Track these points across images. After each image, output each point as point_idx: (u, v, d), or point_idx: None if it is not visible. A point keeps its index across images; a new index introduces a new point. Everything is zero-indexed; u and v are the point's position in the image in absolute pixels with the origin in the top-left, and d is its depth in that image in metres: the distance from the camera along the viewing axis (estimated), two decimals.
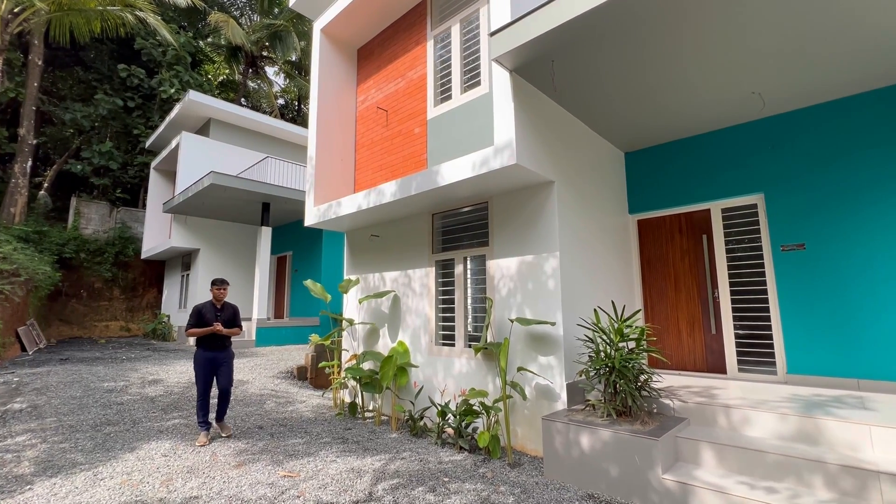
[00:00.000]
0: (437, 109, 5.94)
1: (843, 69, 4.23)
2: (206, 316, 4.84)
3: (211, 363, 4.86)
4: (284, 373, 8.25)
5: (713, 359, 5.45)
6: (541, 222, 4.78)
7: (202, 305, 4.90)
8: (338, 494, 3.58)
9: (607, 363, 3.95)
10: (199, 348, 4.88)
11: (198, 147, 13.98)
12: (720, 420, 3.80)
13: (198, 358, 4.86)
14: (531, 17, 3.76)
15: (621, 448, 3.50)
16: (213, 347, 4.89)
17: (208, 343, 4.88)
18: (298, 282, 14.03)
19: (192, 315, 4.84)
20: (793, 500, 2.84)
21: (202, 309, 4.88)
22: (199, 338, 4.86)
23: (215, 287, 5.00)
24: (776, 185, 5.09)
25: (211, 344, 4.88)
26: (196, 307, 4.90)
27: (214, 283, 5.02)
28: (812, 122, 4.90)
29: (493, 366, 4.96)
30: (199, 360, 4.84)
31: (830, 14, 3.44)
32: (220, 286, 4.97)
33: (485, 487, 3.70)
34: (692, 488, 3.14)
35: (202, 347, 4.88)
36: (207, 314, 4.85)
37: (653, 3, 3.31)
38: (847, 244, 4.58)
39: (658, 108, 5.09)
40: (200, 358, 4.85)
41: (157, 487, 3.68)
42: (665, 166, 6.01)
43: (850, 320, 4.51)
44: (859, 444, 3.17)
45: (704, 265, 5.63)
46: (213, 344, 4.90)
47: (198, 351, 4.88)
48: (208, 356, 4.85)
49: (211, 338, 4.88)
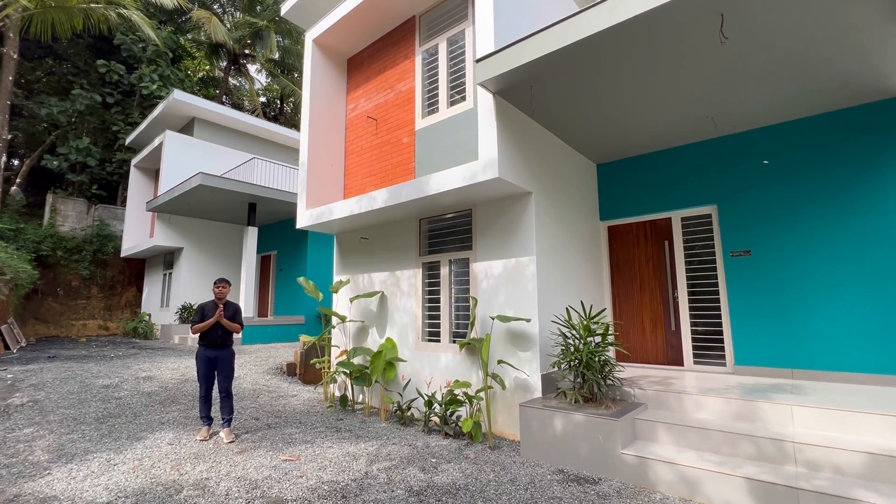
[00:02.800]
0: (424, 121, 6.36)
1: (781, 99, 4.86)
2: (208, 313, 5.05)
3: (211, 361, 5.03)
4: (274, 369, 8.54)
5: (672, 353, 6.05)
6: (520, 229, 5.27)
7: (205, 304, 5.14)
8: (337, 474, 3.98)
9: (577, 356, 4.47)
10: (201, 346, 5.07)
11: (182, 146, 14.01)
12: (674, 405, 4.36)
13: (199, 355, 5.04)
14: (513, 49, 4.23)
15: (587, 429, 4.01)
16: (214, 345, 5.05)
17: (210, 341, 5.05)
18: (283, 281, 14.23)
19: (196, 312, 5.08)
20: (728, 467, 3.40)
21: (205, 307, 5.10)
22: (201, 336, 5.06)
23: (217, 286, 5.22)
24: (727, 198, 5.72)
25: (212, 342, 5.04)
26: (200, 305, 5.14)
27: (217, 282, 5.24)
28: (757, 143, 5.54)
29: (476, 359, 5.43)
30: (201, 358, 5.02)
31: (768, 55, 4.03)
32: (221, 285, 5.21)
33: (469, 466, 4.17)
34: (647, 461, 3.68)
35: (203, 345, 5.06)
36: (210, 312, 5.06)
37: (615, 42, 3.82)
38: (785, 251, 5.24)
39: (625, 127, 5.65)
40: (201, 355, 5.03)
41: (168, 471, 4.00)
42: (633, 177, 6.60)
43: (787, 318, 5.16)
44: (784, 420, 3.76)
45: (666, 268, 6.24)
46: (215, 342, 5.05)
47: (199, 349, 5.07)
48: (209, 354, 5.03)
49: (212, 336, 5.04)
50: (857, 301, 4.77)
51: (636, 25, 3.56)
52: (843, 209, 4.93)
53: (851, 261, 4.83)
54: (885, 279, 4.63)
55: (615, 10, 3.56)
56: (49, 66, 18.40)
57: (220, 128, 15.46)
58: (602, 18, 3.62)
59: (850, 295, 4.81)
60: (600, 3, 3.64)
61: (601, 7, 3.64)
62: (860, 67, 4.23)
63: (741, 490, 3.23)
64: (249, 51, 22.20)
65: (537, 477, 3.91)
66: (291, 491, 3.63)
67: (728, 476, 3.30)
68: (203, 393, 5.05)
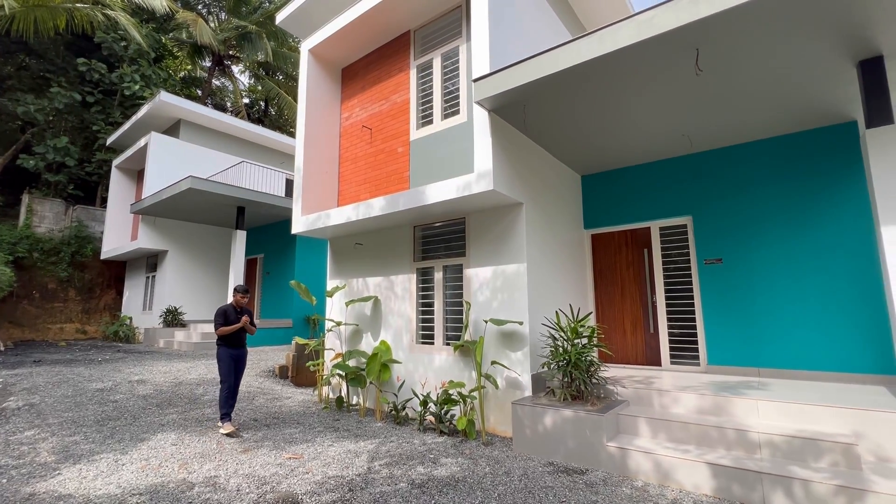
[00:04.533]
0: (419, 132, 6.64)
1: (749, 121, 5.34)
2: (231, 316, 5.44)
3: (234, 359, 5.46)
4: (266, 372, 8.65)
5: (651, 353, 6.48)
6: (512, 237, 5.60)
7: (226, 308, 5.49)
8: (341, 470, 4.21)
9: (565, 356, 4.81)
10: (223, 347, 5.45)
11: (167, 148, 13.90)
12: (653, 401, 4.74)
13: (222, 355, 5.42)
14: (509, 71, 4.57)
15: (575, 424, 4.35)
16: (235, 345, 5.51)
17: (232, 341, 5.48)
18: (269, 284, 14.25)
19: (219, 316, 5.41)
20: (700, 455, 3.77)
21: (227, 310, 5.47)
22: (223, 337, 5.43)
23: (239, 294, 5.63)
24: (701, 209, 6.19)
25: (234, 342, 5.49)
26: (221, 310, 5.47)
27: (238, 290, 5.66)
28: (728, 159, 6.02)
29: (470, 360, 5.72)
30: (224, 357, 5.41)
31: (737, 84, 4.47)
32: (243, 294, 5.65)
33: (465, 461, 4.45)
34: (629, 452, 4.03)
35: (226, 346, 5.46)
36: (231, 315, 5.45)
37: (601, 69, 4.19)
38: (753, 260, 5.71)
39: (608, 143, 6.06)
40: (225, 355, 5.42)
41: (176, 470, 4.15)
42: (615, 189, 7.02)
43: (754, 322, 5.63)
44: (750, 413, 4.17)
45: (645, 274, 6.67)
46: (236, 342, 5.51)
47: (222, 349, 5.45)
48: (232, 353, 5.46)
49: (235, 337, 5.49)
50: (815, 306, 5.26)
51: (622, 55, 3.94)
52: (803, 223, 5.43)
53: (810, 270, 5.33)
54: (838, 287, 5.13)
55: (603, 40, 3.92)
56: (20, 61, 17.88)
57: (206, 130, 15.38)
58: (591, 48, 3.98)
59: (809, 301, 5.30)
60: (590, 35, 4.01)
61: (590, 38, 4.00)
62: (815, 96, 4.72)
63: (709, 474, 3.60)
64: (234, 52, 22.06)
65: (530, 469, 4.22)
66: (300, 486, 3.84)
67: (699, 463, 3.67)
68: (227, 390, 5.34)
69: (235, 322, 5.46)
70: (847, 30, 3.64)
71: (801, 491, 3.24)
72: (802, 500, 3.23)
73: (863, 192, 5.04)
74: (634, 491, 3.69)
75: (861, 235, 5.03)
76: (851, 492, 3.10)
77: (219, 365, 5.43)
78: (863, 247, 5.01)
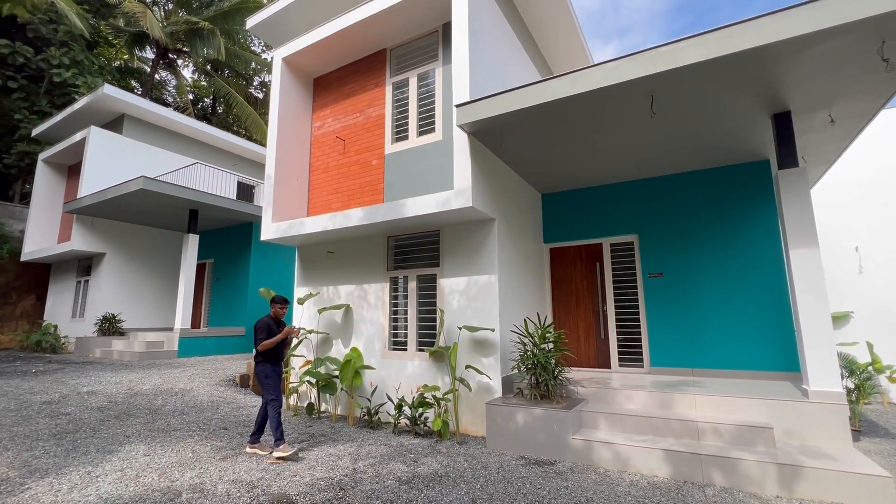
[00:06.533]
0: (394, 147, 6.95)
1: (687, 154, 6.22)
2: (273, 330, 5.06)
3: (280, 375, 5.10)
4: (225, 381, 8.41)
5: (602, 357, 7.18)
6: (484, 250, 6.05)
7: (267, 321, 5.09)
8: (328, 471, 4.37)
9: (533, 360, 5.30)
10: (268, 363, 5.01)
11: (109, 144, 13.01)
12: (609, 399, 5.35)
13: (269, 372, 4.99)
14: (489, 101, 5.04)
15: (544, 421, 4.83)
16: (279, 361, 5.13)
17: (276, 357, 5.10)
18: (220, 290, 13.70)
19: (262, 330, 5.00)
20: (651, 444, 4.38)
21: (269, 324, 5.08)
22: (266, 353, 5.01)
23: (279, 305, 5.24)
24: (647, 229, 7.01)
25: (278, 358, 5.13)
26: (263, 323, 5.06)
27: (278, 301, 5.26)
28: (671, 186, 6.91)
29: (443, 365, 6.06)
30: (272, 374, 5.00)
31: (679, 123, 5.25)
32: (283, 305, 5.26)
33: (444, 458, 4.77)
34: (591, 443, 4.56)
35: (271, 363, 5.03)
36: (274, 328, 5.08)
37: (570, 105, 4.78)
38: (689, 275, 6.58)
39: (569, 166, 6.74)
40: (273, 373, 5.01)
41: (157, 479, 4.10)
42: (572, 207, 7.73)
43: (689, 329, 6.47)
44: (689, 406, 4.88)
45: (597, 286, 7.39)
46: (280, 357, 5.15)
47: (267, 366, 5.01)
48: (278, 370, 5.08)
49: (278, 352, 5.12)
50: (738, 316, 6.18)
51: (590, 96, 4.54)
52: (730, 243, 6.37)
53: (735, 285, 6.26)
54: (756, 300, 6.09)
55: (576, 82, 4.50)
56: None
57: (153, 127, 14.55)
58: (566, 87, 4.55)
59: (734, 311, 6.22)
60: (564, 76, 4.58)
61: (564, 79, 4.57)
62: (741, 138, 5.65)
63: (660, 460, 4.21)
64: (181, 46, 21.00)
65: (505, 463, 4.63)
66: (291, 487, 3.97)
67: (651, 451, 4.28)
68: (279, 409, 4.93)
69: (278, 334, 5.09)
70: (765, 90, 4.49)
71: (732, 468, 3.92)
72: (735, 475, 3.90)
73: (776, 219, 6.04)
74: (599, 476, 4.21)
75: (774, 256, 6.02)
76: (768, 465, 3.81)
77: (265, 383, 4.95)
78: (775, 266, 6.00)
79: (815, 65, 4.00)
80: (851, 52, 3.78)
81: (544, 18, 8.23)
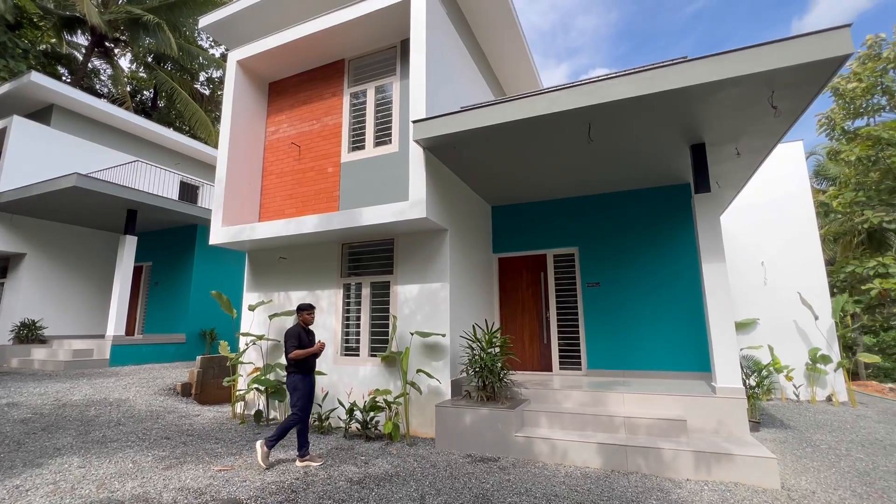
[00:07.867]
0: (350, 155, 7.09)
1: (621, 175, 6.87)
2: (304, 339, 4.93)
3: (313, 387, 4.96)
4: (165, 390, 8.05)
5: (544, 361, 7.67)
6: (437, 259, 6.33)
7: (297, 330, 4.95)
8: (279, 476, 4.42)
9: (481, 363, 5.63)
10: (299, 374, 4.84)
11: (34, 136, 11.99)
12: (549, 398, 5.78)
13: (299, 384, 4.83)
14: (445, 119, 5.36)
15: (490, 420, 5.15)
16: (310, 371, 4.96)
17: (310, 367, 4.95)
18: (156, 296, 13.00)
19: (292, 338, 4.87)
20: (585, 438, 4.82)
21: (300, 332, 4.94)
22: (299, 363, 4.86)
23: (307, 312, 5.12)
24: (586, 242, 7.62)
25: (311, 368, 4.97)
26: (293, 332, 4.92)
27: (305, 308, 5.14)
28: (607, 203, 7.57)
29: (395, 370, 6.24)
30: (302, 386, 4.83)
31: (613, 149, 5.84)
32: (311, 311, 5.15)
33: (395, 459, 4.96)
34: (532, 440, 4.94)
35: (302, 373, 4.86)
36: (304, 337, 4.96)
37: (518, 128, 5.21)
38: (622, 285, 7.23)
39: (516, 181, 7.20)
40: (303, 384, 4.84)
41: (95, 491, 3.96)
42: (520, 220, 8.22)
43: (621, 334, 7.10)
44: (618, 404, 5.40)
45: (542, 294, 7.90)
46: (313, 367, 5.00)
47: (297, 377, 4.83)
48: (309, 380, 4.91)
49: (312, 361, 4.97)
50: (662, 323, 6.88)
51: (536, 121, 4.97)
52: (656, 258, 7.09)
53: (661, 295, 6.97)
54: (677, 308, 6.81)
55: (523, 107, 4.93)
56: None
57: (88, 120, 13.59)
58: (515, 112, 4.96)
59: (658, 318, 6.91)
60: (514, 100, 4.99)
61: (514, 104, 4.98)
62: (665, 163, 6.35)
63: (592, 452, 4.65)
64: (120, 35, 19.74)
65: (452, 461, 4.89)
66: (242, 492, 3.99)
67: (585, 444, 4.72)
68: (306, 420, 4.87)
69: (309, 345, 4.94)
70: (683, 124, 5.14)
71: (655, 456, 4.43)
72: (655, 463, 4.41)
73: (693, 237, 6.81)
74: (538, 469, 4.58)
75: (692, 270, 6.79)
76: (682, 452, 4.35)
77: (294, 394, 4.79)
78: (693, 279, 6.76)
79: (723, 106, 4.67)
80: (749, 98, 4.47)
81: (495, 39, 8.73)
